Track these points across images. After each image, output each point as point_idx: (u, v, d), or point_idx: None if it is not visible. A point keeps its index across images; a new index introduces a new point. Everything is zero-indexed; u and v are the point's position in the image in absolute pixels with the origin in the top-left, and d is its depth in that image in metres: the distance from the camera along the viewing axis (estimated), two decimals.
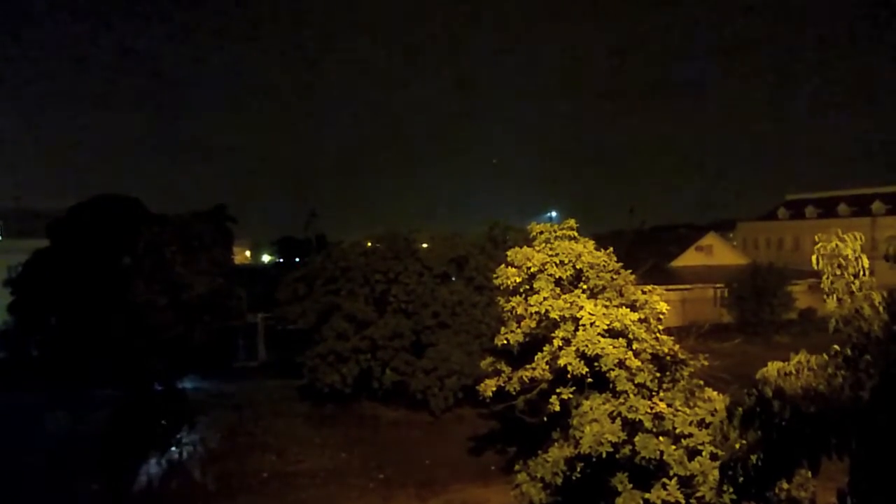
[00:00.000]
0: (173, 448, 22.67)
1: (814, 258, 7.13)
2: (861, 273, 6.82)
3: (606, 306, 15.09)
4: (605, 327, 14.25)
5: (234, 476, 20.64)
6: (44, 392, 28.66)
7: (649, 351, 14.59)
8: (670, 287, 38.46)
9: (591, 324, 14.32)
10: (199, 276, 27.05)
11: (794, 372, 6.56)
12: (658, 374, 14.68)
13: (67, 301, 28.45)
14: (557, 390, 14.93)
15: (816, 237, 7.21)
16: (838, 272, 6.86)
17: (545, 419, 15.61)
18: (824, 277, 6.97)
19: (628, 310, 14.94)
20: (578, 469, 13.71)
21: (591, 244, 17.10)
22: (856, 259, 6.87)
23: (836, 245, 6.92)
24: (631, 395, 13.64)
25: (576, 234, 17.52)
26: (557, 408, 14.80)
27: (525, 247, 17.23)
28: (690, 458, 12.54)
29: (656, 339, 15.01)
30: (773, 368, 6.72)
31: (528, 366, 16.19)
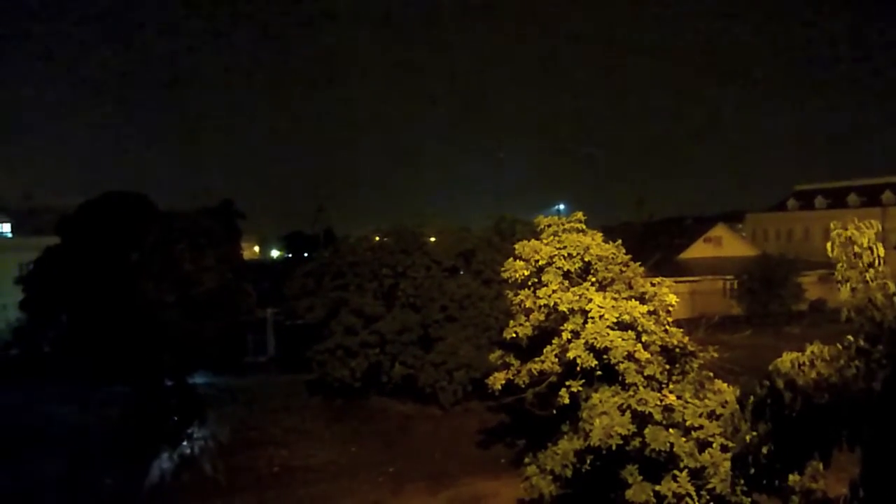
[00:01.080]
0: (184, 443, 22.82)
1: (828, 245, 7.06)
2: (876, 262, 6.75)
3: (615, 299, 15.05)
4: (614, 320, 14.21)
5: (244, 470, 20.77)
6: (56, 388, 28.91)
7: (658, 343, 14.55)
8: (679, 279, 38.36)
9: (600, 316, 14.28)
10: (208, 272, 27.11)
11: (807, 363, 6.51)
12: (668, 367, 14.65)
13: (78, 298, 28.58)
14: (567, 383, 14.91)
15: (832, 225, 7.14)
16: (853, 261, 6.79)
17: (554, 412, 15.61)
18: (838, 266, 6.91)
19: (637, 302, 14.90)
20: (588, 461, 13.71)
21: (599, 236, 17.03)
22: (870, 248, 6.80)
23: (852, 233, 6.85)
24: (640, 388, 13.62)
25: (584, 226, 17.46)
26: (567, 400, 14.78)
27: (533, 240, 17.18)
28: (701, 450, 12.53)
29: (665, 331, 14.96)
30: (786, 359, 6.68)
31: (536, 359, 16.17)
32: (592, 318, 14.41)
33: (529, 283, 16.45)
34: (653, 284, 16.35)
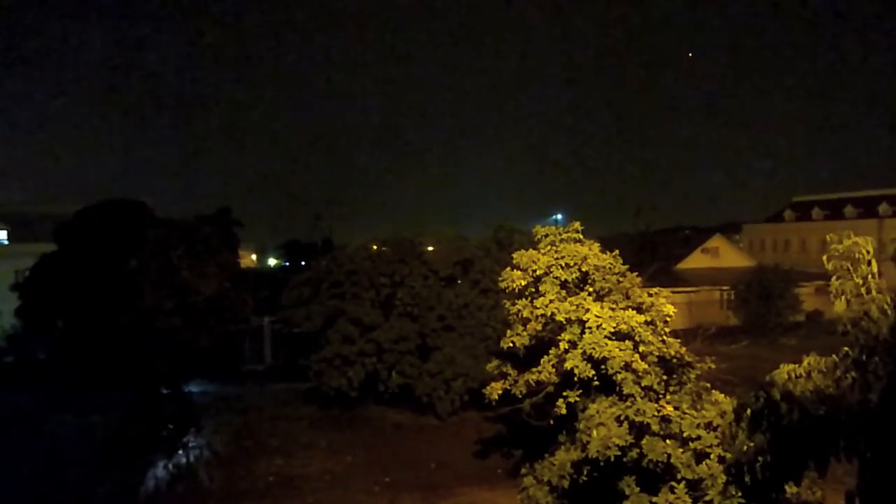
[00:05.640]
0: (180, 451, 22.70)
1: (824, 258, 7.10)
2: (870, 275, 6.79)
3: (613, 309, 15.05)
4: (612, 330, 14.21)
5: (240, 479, 20.67)
6: (51, 395, 28.77)
7: (656, 353, 14.55)
8: (676, 289, 38.39)
9: (598, 326, 14.28)
10: (206, 279, 27.10)
11: (803, 374, 6.54)
12: (665, 377, 14.64)
13: (74, 305, 28.55)
14: (564, 393, 14.90)
15: (828, 238, 7.18)
16: (848, 274, 6.83)
17: (551, 422, 15.57)
18: (833, 279, 6.94)
19: (634, 312, 14.90)
20: (585, 472, 13.66)
21: (596, 246, 17.07)
22: (866, 261, 6.83)
23: (848, 246, 6.88)
24: (638, 398, 13.59)
25: (581, 236, 17.50)
26: (564, 411, 14.76)
27: (530, 249, 17.21)
28: (698, 462, 12.50)
29: (663, 341, 14.96)
30: (783, 370, 6.70)
31: (534, 369, 16.16)
32: (590, 328, 14.41)
33: (527, 293, 16.46)
34: (650, 295, 16.38)
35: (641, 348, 14.30)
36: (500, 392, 17.13)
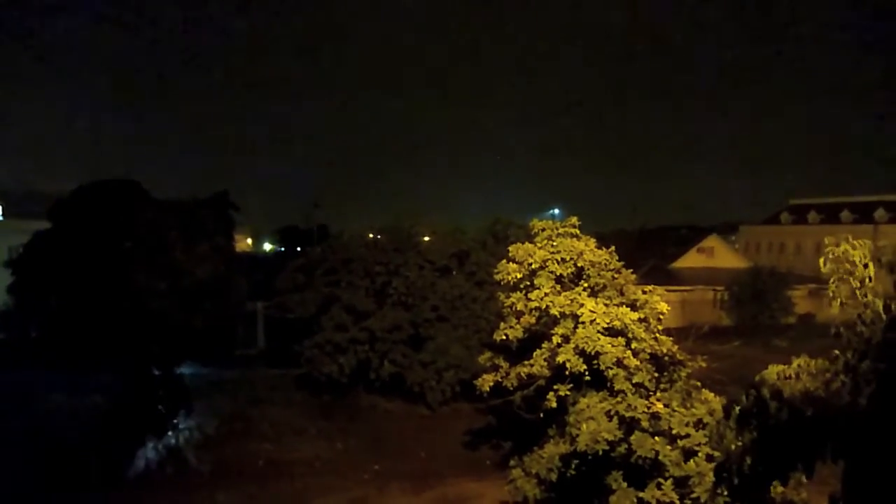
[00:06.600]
0: (170, 433, 22.72)
1: (821, 261, 7.12)
2: (866, 280, 6.81)
3: (607, 305, 15.10)
4: (605, 325, 14.27)
5: (230, 463, 20.71)
6: (42, 374, 28.71)
7: (648, 351, 14.62)
8: (671, 288, 38.43)
9: (591, 321, 14.33)
10: (200, 262, 26.96)
11: (793, 375, 6.57)
12: (656, 374, 14.73)
13: (68, 284, 28.38)
14: (555, 387, 14.96)
15: (826, 240, 7.21)
16: (844, 277, 6.85)
17: (542, 415, 15.65)
18: (830, 282, 6.96)
19: (628, 309, 14.96)
20: (573, 466, 13.76)
21: (592, 242, 17.11)
22: (863, 266, 6.85)
23: (845, 250, 6.91)
24: (628, 394, 13.67)
25: (578, 231, 17.52)
26: (554, 404, 14.83)
27: (527, 243, 17.23)
28: (686, 459, 12.60)
29: (655, 339, 15.03)
30: (773, 371, 6.74)
31: (526, 362, 16.21)
32: (583, 322, 14.46)
33: (522, 286, 16.49)
34: (644, 292, 16.43)
35: (634, 345, 14.36)
36: (491, 384, 17.18)
